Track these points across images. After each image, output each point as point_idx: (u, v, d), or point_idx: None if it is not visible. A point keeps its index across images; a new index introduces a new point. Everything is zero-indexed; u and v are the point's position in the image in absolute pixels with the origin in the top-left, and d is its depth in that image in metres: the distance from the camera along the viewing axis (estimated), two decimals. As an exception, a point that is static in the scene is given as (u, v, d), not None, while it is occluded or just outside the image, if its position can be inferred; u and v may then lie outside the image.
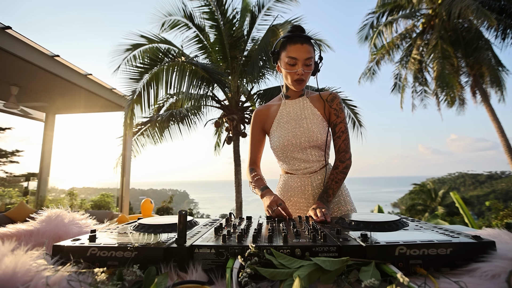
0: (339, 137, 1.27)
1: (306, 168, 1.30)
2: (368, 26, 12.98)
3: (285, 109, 1.38)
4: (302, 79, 1.23)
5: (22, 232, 0.78)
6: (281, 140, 1.31)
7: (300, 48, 1.19)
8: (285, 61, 1.23)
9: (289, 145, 1.30)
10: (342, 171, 1.22)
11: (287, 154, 1.32)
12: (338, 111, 1.30)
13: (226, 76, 6.66)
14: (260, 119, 1.42)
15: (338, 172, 1.21)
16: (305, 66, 1.21)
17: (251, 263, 0.53)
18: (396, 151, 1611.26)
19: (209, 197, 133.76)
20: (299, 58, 1.19)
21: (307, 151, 1.29)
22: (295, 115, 1.34)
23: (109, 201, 9.47)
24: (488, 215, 16.54)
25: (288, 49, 1.21)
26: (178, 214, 0.61)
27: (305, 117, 1.32)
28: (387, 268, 0.51)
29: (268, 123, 1.40)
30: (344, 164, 1.23)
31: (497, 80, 10.78)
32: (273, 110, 1.41)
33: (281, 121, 1.36)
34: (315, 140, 1.27)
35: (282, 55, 1.26)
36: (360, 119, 6.78)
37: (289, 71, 1.23)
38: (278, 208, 1.04)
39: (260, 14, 6.69)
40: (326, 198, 1.15)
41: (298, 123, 1.31)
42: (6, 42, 3.81)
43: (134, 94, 5.36)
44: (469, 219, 7.58)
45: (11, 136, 26.56)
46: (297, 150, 1.30)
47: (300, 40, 1.20)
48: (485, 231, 0.72)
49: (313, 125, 1.29)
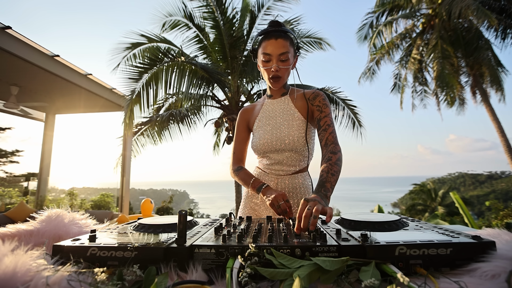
0: (325, 130, 1.16)
1: (279, 170, 1.28)
2: (368, 26, 12.99)
3: (266, 109, 1.34)
4: (277, 76, 1.18)
5: (22, 232, 0.78)
6: (260, 140, 1.28)
7: (274, 43, 1.14)
8: (260, 58, 1.19)
9: (266, 146, 1.27)
10: (336, 162, 1.05)
11: (264, 154, 1.30)
12: (321, 107, 1.22)
13: (226, 76, 6.66)
14: (245, 117, 1.40)
15: (332, 163, 1.04)
16: (280, 61, 1.16)
17: (251, 263, 0.53)
18: (395, 151, 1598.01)
19: (209, 197, 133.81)
20: (273, 53, 1.15)
21: (283, 153, 1.26)
22: (274, 116, 1.30)
23: (109, 201, 9.47)
24: (488, 215, 16.55)
25: (263, 45, 1.17)
26: (178, 214, 0.61)
27: (284, 119, 1.27)
28: (387, 268, 0.51)
29: (251, 122, 1.38)
30: (337, 156, 1.07)
31: (497, 80, 10.79)
32: (257, 109, 1.38)
33: (261, 121, 1.33)
34: (292, 143, 1.22)
35: (258, 52, 1.22)
36: (359, 119, 6.77)
37: (265, 68, 1.19)
38: (284, 203, 1.01)
39: (260, 14, 6.69)
40: (324, 193, 0.94)
41: (277, 125, 1.27)
42: (6, 42, 3.81)
43: (133, 94, 5.35)
44: (469, 219, 7.59)
45: (11, 136, 26.56)
46: (272, 151, 1.27)
47: (274, 35, 1.15)
48: (485, 231, 0.72)
49: (292, 127, 1.24)
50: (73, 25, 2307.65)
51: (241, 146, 1.39)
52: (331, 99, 6.79)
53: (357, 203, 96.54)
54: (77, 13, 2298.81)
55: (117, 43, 5.75)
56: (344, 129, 6.90)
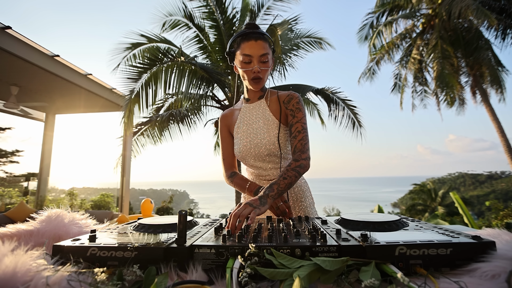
0: (294, 137, 1.17)
1: (264, 175, 1.28)
2: (368, 26, 12.99)
3: (243, 115, 1.33)
4: (259, 77, 1.18)
5: (22, 232, 0.78)
6: (238, 147, 1.28)
7: (254, 45, 1.14)
8: (240, 60, 1.18)
9: (245, 153, 1.26)
10: (294, 168, 1.07)
11: (245, 160, 1.29)
12: (294, 111, 1.22)
13: (225, 76, 6.66)
14: (226, 123, 1.39)
15: (289, 169, 1.07)
16: (261, 63, 1.17)
17: (251, 263, 0.53)
18: (395, 151, 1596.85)
19: (209, 197, 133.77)
20: (254, 55, 1.15)
21: (263, 158, 1.26)
22: (251, 122, 1.30)
23: (109, 201, 9.47)
24: (488, 215, 16.56)
25: (242, 47, 1.16)
26: (178, 214, 0.61)
27: (258, 123, 1.27)
28: (387, 268, 0.51)
29: (232, 128, 1.37)
30: (298, 163, 1.10)
31: (497, 80, 10.79)
32: (236, 115, 1.37)
33: (239, 128, 1.32)
34: (270, 149, 1.22)
35: (237, 54, 1.20)
36: (359, 119, 6.77)
37: (245, 70, 1.18)
38: (283, 204, 1.02)
39: (260, 13, 6.69)
40: (266, 193, 0.95)
41: (253, 131, 1.27)
42: (6, 42, 3.81)
43: (132, 94, 5.35)
44: (469, 219, 7.59)
45: (11, 136, 26.56)
46: (251, 157, 1.27)
47: (254, 37, 1.15)
48: (485, 231, 0.72)
49: (267, 133, 1.24)
50: (73, 25, 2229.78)
51: (229, 151, 1.37)
52: (331, 99, 6.79)
53: (357, 203, 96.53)
54: (77, 13, 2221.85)
55: (117, 43, 5.76)
56: (344, 129, 6.91)
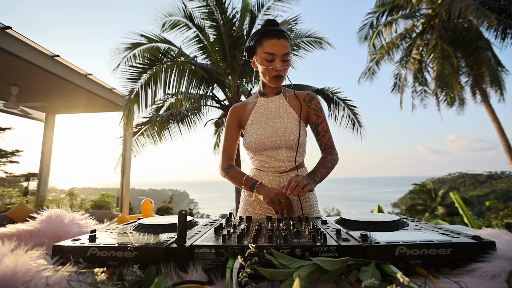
0: (323, 136, 1.28)
1: (276, 167, 1.28)
2: (368, 26, 12.99)
3: (260, 107, 1.35)
4: (280, 75, 1.20)
5: (22, 232, 0.78)
6: (253, 138, 1.28)
7: (278, 43, 1.15)
8: (262, 57, 1.18)
9: (261, 143, 1.27)
10: (330, 160, 1.22)
11: (259, 152, 1.30)
12: (317, 111, 1.29)
13: (225, 76, 6.66)
14: (237, 115, 1.39)
15: (326, 160, 1.22)
16: (283, 61, 1.18)
17: (251, 263, 0.53)
18: (395, 151, 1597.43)
19: (209, 197, 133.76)
20: (277, 53, 1.15)
21: (279, 151, 1.27)
22: (269, 114, 1.31)
23: (109, 201, 9.47)
24: (488, 215, 16.55)
25: (265, 44, 1.17)
26: (178, 214, 0.61)
27: (279, 116, 1.29)
28: (387, 268, 0.51)
29: (244, 120, 1.37)
30: (332, 157, 1.24)
31: (497, 80, 10.79)
32: (249, 108, 1.38)
33: (256, 119, 1.33)
34: (288, 140, 1.24)
35: (258, 50, 1.20)
36: (359, 119, 6.77)
37: (267, 67, 1.19)
38: (285, 200, 1.02)
39: (260, 14, 6.69)
40: (313, 177, 1.11)
41: (272, 122, 1.28)
42: (6, 42, 3.81)
43: (132, 94, 5.35)
44: (469, 219, 7.59)
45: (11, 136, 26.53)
46: (269, 149, 1.27)
47: (277, 35, 1.15)
48: (485, 231, 0.72)
49: (287, 125, 1.26)
50: (74, 25, 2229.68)
51: (231, 144, 1.37)
52: (331, 99, 6.79)
53: (357, 203, 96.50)
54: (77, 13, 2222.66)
55: (117, 44, 5.76)
56: (344, 129, 6.90)
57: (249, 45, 1.24)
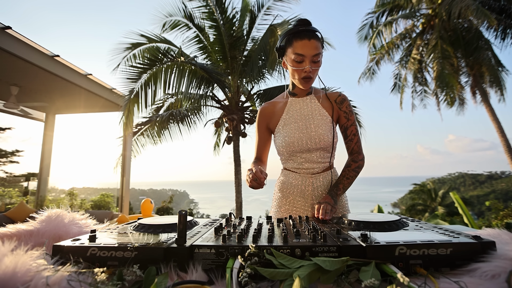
0: (351, 140, 1.27)
1: (309, 168, 1.28)
2: (368, 26, 12.98)
3: (292, 108, 1.32)
4: (309, 77, 1.18)
5: (22, 232, 0.78)
6: (287, 139, 1.27)
7: (308, 44, 1.12)
8: (291, 58, 1.16)
9: (295, 145, 1.26)
10: (354, 169, 1.23)
11: (292, 153, 1.29)
12: (348, 113, 1.28)
13: (225, 76, 6.65)
14: (266, 116, 1.37)
15: (350, 170, 1.23)
16: (313, 63, 1.15)
17: (251, 263, 0.53)
18: (395, 151, 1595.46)
19: (209, 197, 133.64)
20: (307, 54, 1.13)
21: (313, 152, 1.26)
22: (302, 115, 1.29)
23: (109, 201, 9.47)
24: (488, 215, 16.55)
25: (295, 45, 1.14)
26: (178, 214, 0.61)
27: (312, 117, 1.27)
28: (387, 268, 0.51)
29: (274, 121, 1.35)
30: (357, 164, 1.24)
31: (497, 80, 10.79)
32: (279, 108, 1.35)
33: (288, 120, 1.31)
34: (322, 141, 1.23)
35: (288, 51, 1.18)
36: (359, 119, 6.77)
37: (296, 69, 1.17)
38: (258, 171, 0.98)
39: (260, 14, 6.68)
40: (335, 192, 1.15)
41: (306, 123, 1.27)
42: (6, 42, 3.81)
43: (131, 94, 5.35)
44: (469, 219, 7.59)
45: (11, 136, 26.51)
46: (302, 150, 1.26)
47: (308, 35, 1.12)
48: (485, 231, 0.72)
49: (321, 126, 1.25)
50: (73, 25, 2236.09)
51: (261, 147, 1.38)
52: (331, 99, 6.78)
53: (357, 203, 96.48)
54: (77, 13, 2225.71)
55: (117, 44, 5.75)
56: (344, 129, 6.90)
57: (280, 45, 1.23)
